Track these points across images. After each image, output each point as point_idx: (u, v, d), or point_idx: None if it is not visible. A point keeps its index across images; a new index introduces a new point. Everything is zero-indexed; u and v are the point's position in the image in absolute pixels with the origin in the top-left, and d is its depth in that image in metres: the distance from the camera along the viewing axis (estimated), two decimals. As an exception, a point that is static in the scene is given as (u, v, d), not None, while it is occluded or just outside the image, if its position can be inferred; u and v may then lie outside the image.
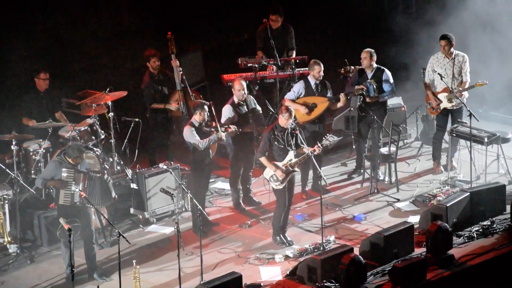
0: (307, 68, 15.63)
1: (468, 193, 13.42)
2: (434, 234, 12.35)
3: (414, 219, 13.47)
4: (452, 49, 14.80)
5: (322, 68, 14.30)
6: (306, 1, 18.48)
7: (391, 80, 14.73)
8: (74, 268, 11.65)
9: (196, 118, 13.39)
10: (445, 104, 14.89)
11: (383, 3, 19.57)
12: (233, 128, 13.72)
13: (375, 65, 14.69)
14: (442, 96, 14.88)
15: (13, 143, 13.65)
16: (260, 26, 16.19)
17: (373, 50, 14.66)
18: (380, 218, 13.86)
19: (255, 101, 14.23)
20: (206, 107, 13.38)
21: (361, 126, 14.92)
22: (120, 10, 17.06)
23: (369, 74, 14.68)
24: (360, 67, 14.82)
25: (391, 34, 19.17)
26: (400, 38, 18.87)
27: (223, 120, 13.91)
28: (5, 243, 11.75)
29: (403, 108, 16.26)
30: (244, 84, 13.95)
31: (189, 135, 13.33)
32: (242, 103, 13.99)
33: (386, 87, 14.68)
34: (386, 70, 14.72)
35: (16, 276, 12.68)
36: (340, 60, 15.96)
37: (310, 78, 14.42)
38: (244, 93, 13.90)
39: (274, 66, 15.98)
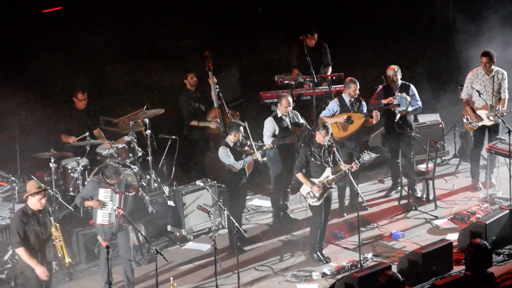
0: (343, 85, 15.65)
1: (508, 211, 13.28)
2: (473, 252, 12.23)
3: (453, 237, 13.36)
4: (492, 66, 14.70)
5: (358, 87, 14.30)
6: (342, 18, 18.49)
7: (417, 95, 14.68)
8: (112, 285, 11.70)
9: (231, 138, 13.41)
10: (485, 121, 14.77)
11: (420, 19, 19.52)
12: (267, 145, 13.74)
13: (400, 81, 14.65)
14: (482, 113, 14.76)
15: (52, 160, 13.76)
16: (295, 43, 16.21)
17: (397, 67, 14.63)
18: (418, 236, 13.77)
19: (298, 115, 14.23)
20: (241, 128, 13.41)
21: (391, 143, 14.85)
22: (158, 28, 17.16)
23: (396, 90, 14.63)
24: (385, 83, 14.77)
25: (427, 50, 19.14)
26: (437, 54, 18.84)
27: (265, 132, 13.94)
28: (66, 264, 11.76)
29: (440, 125, 16.17)
30: (291, 100, 14.00)
31: (224, 156, 13.35)
32: (284, 117, 14.02)
33: (413, 101, 14.62)
34: (412, 86, 14.69)
35: (55, 293, 12.75)
36: (374, 76, 15.95)
37: (344, 95, 14.41)
38: (290, 109, 13.94)
39: (310, 83, 15.98)
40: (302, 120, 14.22)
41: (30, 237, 11.16)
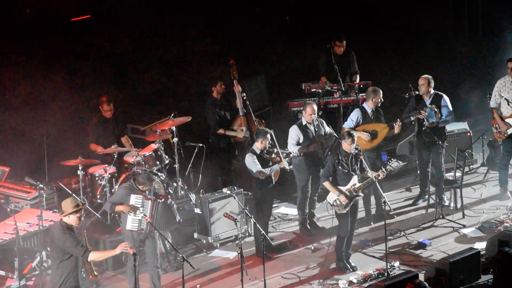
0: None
1: (536, 219, 13.21)
2: (501, 260, 12.14)
3: (481, 246, 13.27)
4: (519, 73, 14.62)
5: (381, 95, 14.28)
6: (369, 25, 18.48)
7: (450, 106, 14.60)
8: (139, 292, 11.74)
9: (258, 145, 13.42)
10: (514, 129, 14.70)
11: (448, 26, 19.46)
12: (294, 153, 13.73)
13: (432, 91, 14.59)
14: (511, 121, 14.66)
15: (79, 168, 13.84)
16: (323, 51, 16.19)
17: (430, 77, 14.57)
18: (445, 244, 13.69)
19: (324, 123, 14.22)
20: (268, 135, 13.41)
21: (422, 151, 14.79)
22: (185, 36, 17.25)
23: (427, 100, 14.57)
24: (417, 93, 14.73)
25: (455, 58, 19.06)
26: (466, 62, 18.75)
27: (289, 140, 13.94)
28: (89, 277, 11.72)
29: (468, 133, 16.08)
30: (316, 108, 14.00)
31: (251, 163, 13.37)
32: (309, 124, 14.02)
33: (445, 112, 14.56)
34: (444, 96, 14.61)
35: (82, 300, 12.77)
36: (402, 85, 15.91)
37: (366, 105, 14.36)
38: (314, 117, 13.96)
39: (337, 91, 15.95)
40: (327, 128, 14.21)
41: None
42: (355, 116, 14.35)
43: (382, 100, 14.29)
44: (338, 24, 17.48)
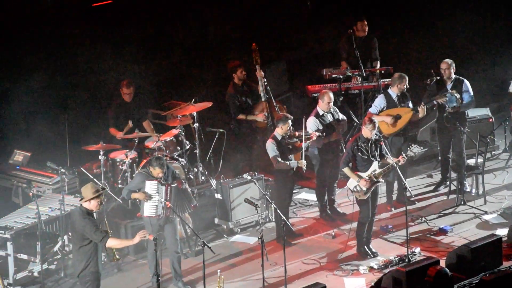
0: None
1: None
2: (523, 247, 12.12)
3: (502, 232, 13.22)
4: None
5: (407, 80, 14.20)
6: (391, 11, 18.37)
7: (471, 91, 14.51)
8: (160, 277, 11.78)
9: (279, 131, 13.41)
10: (533, 114, 14.63)
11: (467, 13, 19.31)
12: (315, 136, 13.66)
13: (454, 75, 14.50)
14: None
15: (101, 153, 13.89)
16: (344, 36, 16.12)
17: (451, 61, 14.48)
18: (467, 231, 13.65)
19: (337, 111, 14.20)
20: (290, 121, 13.39)
21: (443, 137, 14.72)
22: (206, 21, 17.22)
23: (449, 85, 14.50)
24: (439, 78, 14.64)
25: (478, 44, 18.92)
26: (490, 48, 18.61)
27: (309, 131, 13.89)
28: (112, 261, 11.68)
29: (490, 119, 16.00)
30: (332, 96, 13.95)
31: (270, 149, 13.36)
32: (326, 113, 13.98)
33: (466, 97, 14.48)
34: (466, 81, 14.53)
35: (103, 284, 12.66)
36: (426, 70, 15.83)
37: (391, 90, 14.29)
38: (332, 105, 13.92)
39: (359, 77, 15.90)
40: (341, 116, 14.16)
41: None
42: (379, 102, 14.28)
43: (408, 86, 14.23)
44: (360, 9, 17.37)
